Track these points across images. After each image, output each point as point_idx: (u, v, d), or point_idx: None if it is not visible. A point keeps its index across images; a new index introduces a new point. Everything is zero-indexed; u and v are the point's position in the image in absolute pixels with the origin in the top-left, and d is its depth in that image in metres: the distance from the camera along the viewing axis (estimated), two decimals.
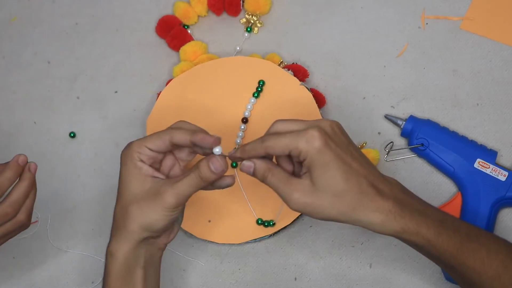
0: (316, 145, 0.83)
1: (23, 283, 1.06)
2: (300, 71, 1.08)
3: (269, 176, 0.86)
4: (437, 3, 1.11)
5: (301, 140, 0.83)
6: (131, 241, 0.87)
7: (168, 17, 1.13)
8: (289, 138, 0.84)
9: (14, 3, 1.17)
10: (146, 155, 0.87)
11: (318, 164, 0.83)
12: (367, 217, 0.84)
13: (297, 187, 0.84)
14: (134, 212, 0.86)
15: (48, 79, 1.13)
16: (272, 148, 0.84)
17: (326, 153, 0.83)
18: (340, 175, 0.83)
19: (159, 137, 0.87)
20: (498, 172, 1.00)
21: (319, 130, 0.83)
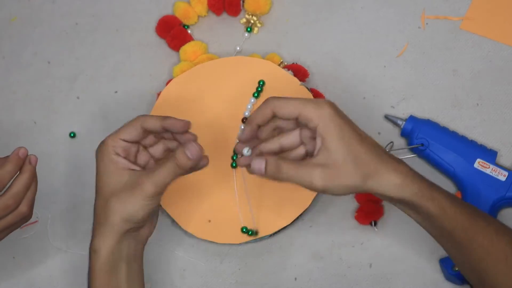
0: (326, 110, 0.84)
1: (23, 283, 1.06)
2: (300, 71, 1.08)
3: (283, 165, 0.85)
4: (437, 3, 1.11)
5: (312, 105, 0.84)
6: (114, 235, 0.87)
7: (168, 17, 1.13)
8: (298, 101, 0.84)
9: (14, 3, 1.17)
10: (121, 147, 0.89)
11: (333, 129, 0.84)
12: (388, 178, 0.84)
13: (316, 163, 0.84)
14: (114, 205, 0.87)
15: (48, 79, 1.13)
16: (280, 108, 0.85)
17: (338, 120, 0.84)
18: (356, 138, 0.84)
19: (130, 125, 0.90)
20: (498, 172, 1.00)
21: (327, 101, 0.85)
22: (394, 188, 0.85)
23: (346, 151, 0.84)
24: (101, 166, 0.89)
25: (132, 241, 0.90)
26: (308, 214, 1.04)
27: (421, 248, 1.02)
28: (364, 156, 0.84)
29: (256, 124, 0.87)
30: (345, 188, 0.85)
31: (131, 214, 0.87)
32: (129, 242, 0.89)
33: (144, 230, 0.92)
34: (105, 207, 0.88)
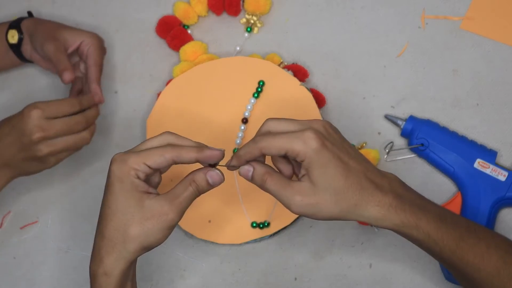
0: (313, 146, 0.83)
1: (23, 283, 1.06)
2: (300, 71, 1.08)
3: (268, 180, 0.85)
4: (437, 3, 1.11)
5: (298, 141, 0.83)
6: (129, 260, 0.84)
7: (168, 17, 1.13)
8: (285, 138, 0.83)
9: (14, 3, 1.17)
10: (144, 173, 0.83)
11: (317, 164, 0.83)
12: (369, 212, 0.84)
13: (298, 189, 0.84)
14: (137, 233, 0.83)
15: (48, 79, 1.13)
16: (268, 148, 0.84)
17: (324, 154, 0.83)
18: (340, 173, 0.83)
19: (161, 156, 0.84)
20: (498, 172, 1.00)
21: (315, 132, 0.83)
22: (376, 221, 0.85)
23: (328, 187, 0.83)
24: (118, 187, 0.83)
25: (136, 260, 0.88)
26: None
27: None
28: (346, 193, 0.84)
29: (244, 160, 0.86)
30: (322, 218, 0.85)
31: (152, 242, 0.84)
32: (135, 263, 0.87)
33: None
34: (123, 233, 0.83)
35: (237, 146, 1.05)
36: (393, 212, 0.84)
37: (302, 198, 0.84)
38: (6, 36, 1.08)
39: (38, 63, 1.10)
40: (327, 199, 0.83)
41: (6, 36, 1.08)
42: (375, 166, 0.88)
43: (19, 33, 1.08)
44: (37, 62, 1.09)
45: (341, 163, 0.84)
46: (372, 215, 0.84)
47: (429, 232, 0.85)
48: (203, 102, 1.07)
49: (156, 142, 0.86)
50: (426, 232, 0.85)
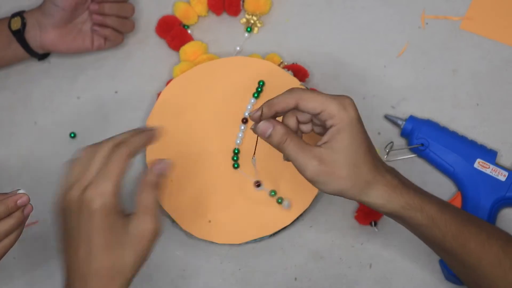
0: (351, 113, 0.84)
1: (23, 283, 1.06)
2: (301, 71, 1.08)
3: (287, 141, 0.85)
4: (437, 3, 1.11)
5: (337, 104, 0.83)
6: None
7: (168, 17, 1.13)
8: (324, 98, 0.84)
9: (14, 3, 1.17)
10: None
11: (348, 132, 0.83)
12: (377, 191, 0.85)
13: (317, 154, 0.84)
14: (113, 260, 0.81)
15: (48, 79, 1.13)
16: (306, 102, 0.84)
17: (357, 124, 0.84)
18: (364, 148, 0.85)
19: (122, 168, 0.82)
20: (498, 172, 1.00)
21: (353, 102, 0.85)
22: (382, 200, 0.85)
23: (349, 158, 0.84)
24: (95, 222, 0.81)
25: None
26: (308, 214, 1.04)
27: (421, 248, 1.02)
28: (363, 167, 0.84)
29: (275, 110, 0.85)
30: (332, 190, 0.85)
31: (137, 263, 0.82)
32: None
33: None
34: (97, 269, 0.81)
35: (237, 146, 1.05)
36: (399, 193, 0.85)
37: (319, 164, 0.83)
38: (9, 25, 1.08)
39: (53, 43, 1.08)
40: (343, 170, 0.84)
41: (9, 25, 1.08)
42: None
43: (22, 19, 1.07)
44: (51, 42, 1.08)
45: (366, 139, 0.85)
46: (379, 195, 0.85)
47: (433, 215, 0.86)
48: (203, 102, 1.07)
49: None
50: (430, 215, 0.86)
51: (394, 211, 0.86)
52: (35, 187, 1.09)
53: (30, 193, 1.09)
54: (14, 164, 1.10)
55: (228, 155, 1.05)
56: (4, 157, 1.10)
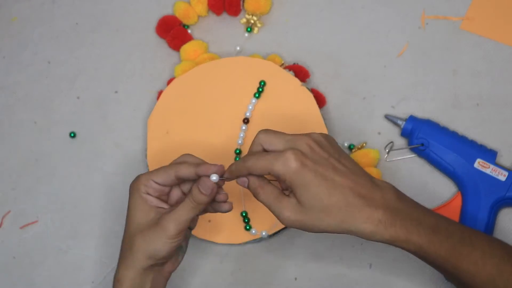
0: (292, 167, 0.84)
1: (23, 283, 1.06)
2: (302, 71, 1.08)
3: (260, 193, 0.88)
4: (437, 3, 1.11)
5: (278, 163, 0.85)
6: (137, 269, 0.89)
7: (168, 17, 1.13)
8: (267, 160, 0.85)
9: (14, 3, 1.17)
10: (153, 188, 0.90)
11: (298, 185, 0.84)
12: (357, 227, 0.85)
13: (286, 205, 0.86)
14: (139, 242, 0.89)
15: (48, 79, 1.13)
16: (253, 169, 0.87)
17: (304, 174, 0.84)
18: (323, 192, 0.84)
19: (165, 172, 0.90)
20: (498, 172, 1.01)
21: (294, 152, 0.85)
22: (364, 235, 0.85)
23: (312, 206, 0.85)
24: (131, 201, 0.91)
25: (155, 274, 0.91)
26: None
27: None
28: (331, 210, 0.84)
29: (236, 176, 0.89)
30: (314, 231, 0.86)
31: (154, 252, 0.88)
32: (152, 276, 0.91)
33: (168, 265, 0.93)
34: (130, 242, 0.90)
35: (239, 146, 1.05)
36: (382, 228, 0.85)
37: (290, 214, 0.86)
38: None
39: None
40: (313, 217, 0.85)
41: None
42: (368, 175, 0.88)
43: None
44: None
45: (324, 181, 0.85)
46: (360, 231, 0.85)
47: (420, 245, 0.86)
48: (205, 102, 1.07)
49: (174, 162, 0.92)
50: (417, 245, 0.86)
51: (378, 241, 0.86)
52: (35, 187, 1.09)
53: (30, 193, 1.09)
54: (14, 164, 1.10)
55: (229, 155, 1.05)
56: (4, 157, 1.10)
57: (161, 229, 0.88)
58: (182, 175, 0.90)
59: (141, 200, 0.90)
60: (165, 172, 0.90)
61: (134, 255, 0.89)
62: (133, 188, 0.91)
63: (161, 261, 0.90)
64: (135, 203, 0.90)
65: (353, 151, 1.06)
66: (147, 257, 0.89)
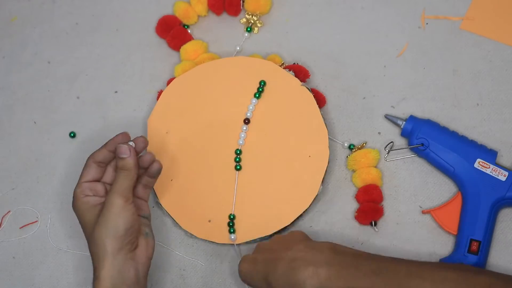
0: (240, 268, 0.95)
1: (23, 283, 1.06)
2: (302, 71, 1.08)
3: None
4: (437, 3, 1.11)
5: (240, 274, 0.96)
6: (108, 259, 0.91)
7: (168, 17, 1.13)
8: None
9: (14, 3, 1.17)
10: (87, 188, 0.95)
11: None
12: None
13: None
14: (97, 232, 0.92)
15: (48, 79, 1.13)
16: None
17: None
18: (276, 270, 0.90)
19: (86, 166, 0.96)
20: (498, 172, 1.00)
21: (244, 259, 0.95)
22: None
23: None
24: (79, 213, 0.95)
25: (131, 265, 0.93)
26: (308, 214, 1.04)
27: (421, 248, 1.02)
28: None
29: None
30: None
31: (113, 230, 0.91)
32: (129, 264, 0.92)
33: (141, 251, 0.94)
34: (92, 240, 0.93)
35: (239, 147, 1.05)
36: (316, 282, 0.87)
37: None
38: None
39: None
40: None
41: None
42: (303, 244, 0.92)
43: None
44: None
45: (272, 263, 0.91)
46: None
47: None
48: (205, 102, 1.07)
49: None
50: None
51: None
52: (35, 187, 1.09)
53: (29, 193, 1.09)
54: (14, 164, 1.10)
55: (230, 155, 1.05)
56: (4, 157, 1.10)
57: (109, 206, 0.91)
58: (98, 159, 0.95)
59: (85, 205, 0.95)
60: (86, 167, 0.96)
61: (100, 247, 0.91)
62: (74, 203, 0.95)
63: (126, 239, 0.92)
64: (81, 211, 0.95)
65: (353, 151, 1.06)
66: (111, 240, 0.91)
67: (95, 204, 0.95)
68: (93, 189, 0.96)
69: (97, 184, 0.96)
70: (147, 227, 0.97)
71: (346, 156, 1.06)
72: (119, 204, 0.91)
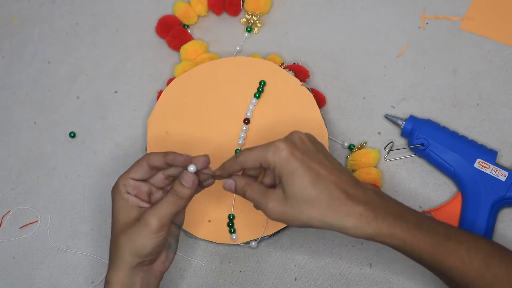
0: (282, 154, 0.86)
1: (23, 283, 1.06)
2: (302, 71, 1.08)
3: (247, 190, 0.89)
4: (437, 3, 1.11)
5: (269, 151, 0.87)
6: (124, 269, 0.90)
7: (168, 17, 1.13)
8: (259, 150, 0.88)
9: (14, 3, 1.17)
10: (131, 186, 0.91)
11: (285, 172, 0.86)
12: (339, 221, 0.86)
13: (272, 197, 0.88)
14: (123, 240, 0.89)
15: (48, 79, 1.13)
16: (245, 162, 0.88)
17: (292, 162, 0.86)
18: (308, 181, 0.86)
19: (138, 165, 0.92)
20: (498, 172, 1.01)
21: (285, 141, 0.87)
22: (347, 230, 0.86)
23: (296, 195, 0.86)
24: (114, 204, 0.92)
25: (146, 275, 0.92)
26: None
27: None
28: (314, 201, 0.86)
29: (227, 173, 0.91)
30: (297, 225, 0.88)
31: (138, 248, 0.89)
32: (142, 276, 0.91)
33: (158, 264, 0.93)
34: (115, 243, 0.91)
35: (239, 147, 1.05)
36: (364, 221, 0.86)
37: (274, 205, 0.87)
38: None
39: None
40: (296, 207, 0.86)
41: None
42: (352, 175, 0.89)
43: None
44: None
45: (310, 172, 0.86)
46: (343, 225, 0.86)
47: (404, 239, 0.86)
48: (205, 102, 1.07)
49: None
50: (401, 239, 0.86)
51: (363, 238, 0.87)
52: (35, 187, 1.09)
53: (29, 193, 1.09)
54: (14, 164, 1.10)
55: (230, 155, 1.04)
56: (4, 157, 1.10)
57: (143, 225, 0.88)
58: (152, 163, 0.91)
59: (122, 201, 0.91)
60: (138, 165, 0.92)
61: (120, 255, 0.90)
62: (114, 191, 0.92)
63: (148, 258, 0.90)
64: (117, 205, 0.92)
65: (353, 151, 1.06)
66: (133, 255, 0.89)
67: (133, 206, 0.91)
68: (137, 188, 0.92)
69: (142, 185, 0.92)
70: (174, 237, 0.95)
71: (346, 156, 1.06)
72: (154, 228, 0.88)
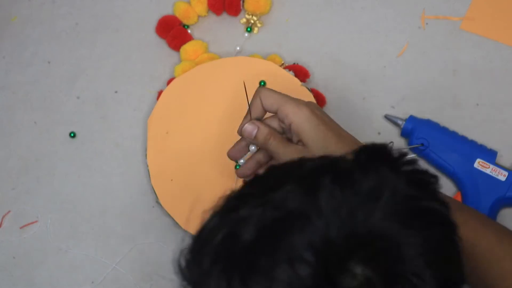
0: (304, 111, 0.88)
1: (23, 283, 1.06)
2: (302, 71, 1.08)
3: (271, 139, 0.90)
4: (437, 3, 1.11)
5: (291, 103, 0.88)
6: None
7: (168, 17, 1.13)
8: (281, 97, 0.89)
9: (14, 3, 1.17)
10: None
11: (307, 128, 0.87)
12: None
13: (297, 150, 0.88)
14: None
15: (48, 79, 1.13)
16: (265, 99, 0.90)
17: (313, 120, 0.88)
18: (331, 137, 0.88)
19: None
20: (498, 172, 1.00)
21: (306, 103, 0.89)
22: None
23: (323, 146, 0.87)
24: None
25: None
26: None
27: None
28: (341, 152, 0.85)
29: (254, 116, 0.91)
30: None
31: None
32: None
33: None
34: None
35: None
36: None
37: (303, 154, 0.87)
38: None
39: None
40: None
41: None
42: None
43: None
44: None
45: (331, 130, 0.88)
46: None
47: None
48: (205, 102, 1.07)
49: None
50: None
51: None
52: (35, 187, 1.09)
53: (30, 193, 1.09)
54: (14, 164, 1.10)
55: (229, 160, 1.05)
56: (4, 157, 1.10)
57: None
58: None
59: None
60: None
61: None
62: None
63: None
64: None
65: None
66: None
67: None
68: None
69: None
70: None
71: None
72: None
